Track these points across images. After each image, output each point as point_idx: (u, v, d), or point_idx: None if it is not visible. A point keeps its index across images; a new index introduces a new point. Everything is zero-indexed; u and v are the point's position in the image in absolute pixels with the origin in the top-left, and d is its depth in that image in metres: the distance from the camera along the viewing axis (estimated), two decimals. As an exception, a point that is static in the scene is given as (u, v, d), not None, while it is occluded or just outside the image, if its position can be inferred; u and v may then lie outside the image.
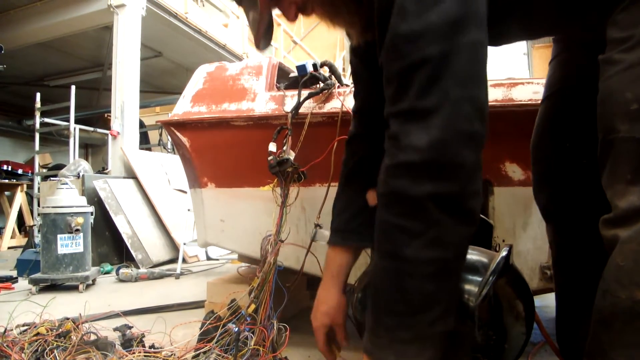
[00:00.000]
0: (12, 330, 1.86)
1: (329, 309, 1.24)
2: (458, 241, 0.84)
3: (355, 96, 1.35)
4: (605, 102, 0.83)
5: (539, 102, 1.34)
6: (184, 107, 2.12)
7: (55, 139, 7.94)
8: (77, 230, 3.45)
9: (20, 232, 7.39)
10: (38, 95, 6.38)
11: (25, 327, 1.89)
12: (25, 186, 7.34)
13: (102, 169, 6.31)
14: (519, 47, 9.15)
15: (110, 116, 5.91)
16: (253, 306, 1.61)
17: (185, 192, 5.53)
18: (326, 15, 1.05)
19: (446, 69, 0.79)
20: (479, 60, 0.83)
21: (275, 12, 1.09)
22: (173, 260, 4.80)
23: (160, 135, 8.30)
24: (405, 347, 0.84)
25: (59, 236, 3.41)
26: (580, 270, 1.20)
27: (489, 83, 1.72)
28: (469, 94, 0.80)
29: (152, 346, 1.80)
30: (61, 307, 2.70)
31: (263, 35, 1.08)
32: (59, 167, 6.71)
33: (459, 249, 0.86)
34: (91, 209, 3.67)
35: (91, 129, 6.91)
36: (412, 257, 0.81)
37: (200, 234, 2.19)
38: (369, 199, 1.24)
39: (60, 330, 1.80)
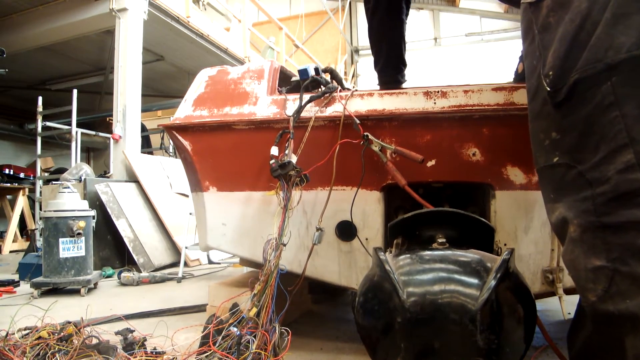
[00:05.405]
0: (14, 334, 1.87)
1: None
2: None
3: None
4: (532, 142, 1.09)
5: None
6: (185, 110, 2.12)
7: (57, 142, 7.96)
8: (79, 234, 3.45)
9: (22, 235, 7.40)
10: (40, 99, 6.39)
11: (27, 331, 1.89)
12: (27, 190, 7.35)
13: (103, 173, 6.32)
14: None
15: (112, 120, 5.92)
16: (255, 310, 1.61)
17: (187, 195, 5.54)
18: None
19: None
20: None
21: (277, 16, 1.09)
22: (175, 264, 4.81)
23: (162, 139, 8.32)
24: None
25: (60, 240, 3.41)
26: None
27: (491, 87, 1.73)
28: None
29: (154, 350, 1.80)
30: (63, 310, 2.70)
31: None
32: (61, 170, 6.72)
33: None
34: (93, 212, 3.68)
35: (93, 132, 6.92)
36: None
37: (201, 237, 2.19)
38: None
39: (62, 334, 1.81)
